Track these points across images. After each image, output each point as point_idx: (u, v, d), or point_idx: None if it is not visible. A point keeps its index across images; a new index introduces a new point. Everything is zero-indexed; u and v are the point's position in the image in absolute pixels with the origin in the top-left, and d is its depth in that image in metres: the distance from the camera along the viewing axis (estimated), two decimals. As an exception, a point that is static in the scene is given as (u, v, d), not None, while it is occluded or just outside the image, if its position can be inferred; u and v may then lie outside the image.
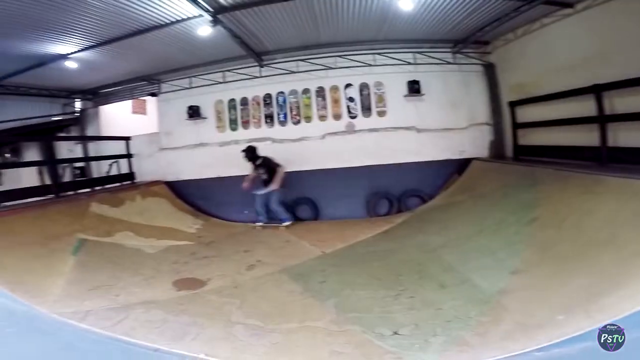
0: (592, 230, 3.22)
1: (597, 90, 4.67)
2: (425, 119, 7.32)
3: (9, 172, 9.65)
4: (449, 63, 7.32)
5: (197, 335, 2.67)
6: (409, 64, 7.28)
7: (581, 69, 4.95)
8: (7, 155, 11.06)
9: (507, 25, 5.97)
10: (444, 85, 7.34)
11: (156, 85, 8.08)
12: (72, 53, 5.89)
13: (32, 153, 9.64)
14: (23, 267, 3.64)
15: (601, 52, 4.59)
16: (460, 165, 7.10)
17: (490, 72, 7.27)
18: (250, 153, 6.45)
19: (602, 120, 4.67)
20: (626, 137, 4.44)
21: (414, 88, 7.14)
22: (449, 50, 7.26)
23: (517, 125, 6.66)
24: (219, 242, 5.62)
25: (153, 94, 8.16)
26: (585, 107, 4.84)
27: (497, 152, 7.21)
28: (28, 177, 8.14)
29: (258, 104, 7.69)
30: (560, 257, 3.16)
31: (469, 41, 6.78)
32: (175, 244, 5.37)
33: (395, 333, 2.58)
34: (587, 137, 4.92)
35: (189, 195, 7.67)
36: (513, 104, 6.69)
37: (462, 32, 6.49)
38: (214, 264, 4.52)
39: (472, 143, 7.30)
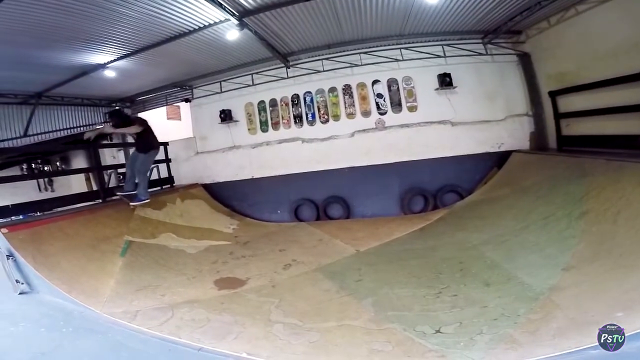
0: (651, 225, 2.97)
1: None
2: (460, 111, 7.07)
3: (59, 179, 10.46)
4: (480, 54, 7.03)
5: (238, 335, 2.72)
6: (438, 57, 7.07)
7: (626, 55, 4.64)
8: (58, 163, 11.93)
9: (539, 14, 5.72)
10: (478, 76, 7.06)
11: (189, 91, 8.38)
12: (109, 62, 6.20)
13: (79, 160, 10.37)
14: (77, 268, 3.85)
15: None
16: (500, 159, 6.81)
17: (526, 62, 6.91)
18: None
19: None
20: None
21: (446, 81, 6.93)
22: (479, 41, 6.99)
23: (559, 115, 6.28)
24: (255, 242, 5.73)
25: (186, 100, 8.47)
26: (632, 94, 4.53)
27: (538, 143, 6.82)
28: (77, 184, 8.75)
29: (286, 104, 7.76)
30: (617, 252, 2.96)
31: (500, 31, 6.53)
32: (214, 244, 5.53)
33: (438, 331, 2.52)
34: (637, 125, 4.58)
35: (224, 196, 7.89)
36: (554, 94, 6.32)
37: (491, 22, 6.28)
38: (252, 263, 4.61)
39: (511, 135, 6.97)
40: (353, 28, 6.33)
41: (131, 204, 5.21)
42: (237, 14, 4.92)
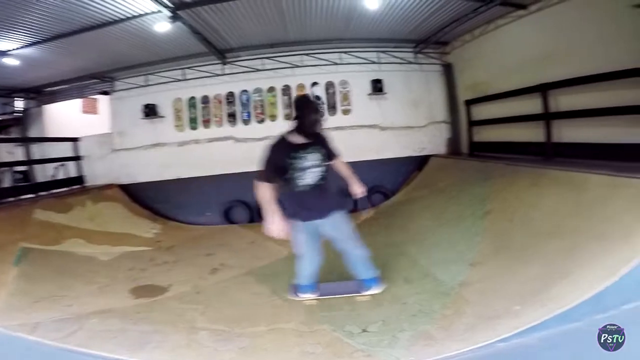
0: (539, 222, 3.49)
1: (543, 89, 5.08)
2: (388, 117, 7.59)
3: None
4: (410, 63, 7.63)
5: (159, 344, 2.61)
6: (373, 62, 7.50)
7: (531, 68, 5.32)
8: None
9: (465, 26, 6.29)
10: (406, 84, 7.64)
11: (109, 83, 7.68)
12: (12, 50, 5.47)
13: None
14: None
15: (549, 52, 4.95)
16: (421, 162, 7.47)
17: (448, 72, 7.67)
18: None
19: (548, 117, 5.10)
20: (569, 133, 4.87)
21: (377, 87, 7.37)
22: (411, 50, 7.57)
23: (472, 123, 7.10)
24: (180, 247, 5.49)
25: (105, 92, 7.75)
26: (534, 105, 5.24)
27: (454, 148, 7.67)
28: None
29: (220, 102, 7.56)
30: (513, 248, 3.39)
31: (430, 41, 7.11)
32: (132, 250, 5.18)
33: (364, 330, 2.66)
34: (534, 133, 5.32)
35: (146, 198, 7.39)
36: (468, 103, 7.13)
37: (423, 32, 6.77)
38: (175, 269, 4.42)
39: (431, 140, 7.70)
40: (298, 29, 6.39)
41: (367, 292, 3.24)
42: (172, 5, 4.66)
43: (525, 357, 2.16)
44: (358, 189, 3.24)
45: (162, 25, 5.02)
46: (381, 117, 7.59)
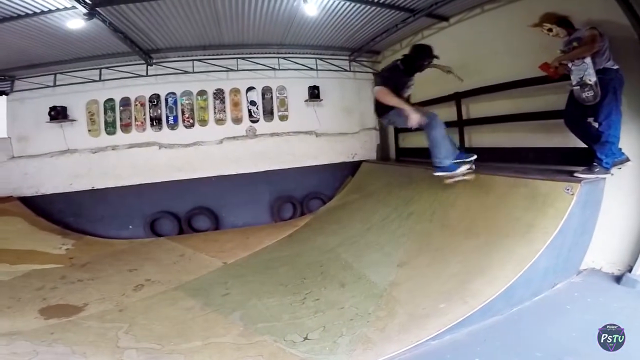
0: (456, 221, 3.90)
1: (457, 97, 5.69)
2: (324, 123, 7.93)
3: None
4: (345, 70, 8.08)
5: (80, 366, 2.43)
6: (311, 69, 7.78)
7: (448, 78, 5.76)
8: None
9: (395, 36, 6.79)
10: (341, 91, 8.08)
11: (7, 82, 6.79)
12: None
13: None
14: None
15: (464, 62, 5.38)
16: (354, 167, 7.94)
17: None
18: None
19: (461, 123, 5.72)
20: (479, 138, 5.54)
21: (314, 93, 7.66)
22: (346, 58, 8.02)
23: (398, 130, 7.68)
24: (97, 263, 5.09)
25: (2, 93, 6.82)
26: (451, 112, 5.80)
27: (383, 154, 8.31)
28: None
29: (142, 105, 7.16)
30: (434, 247, 3.74)
31: (363, 50, 7.60)
32: (39, 268, 4.68)
33: (306, 338, 2.71)
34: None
35: (56, 211, 6.66)
36: (395, 111, 7.70)
37: (357, 41, 7.21)
38: (91, 287, 4.11)
39: (363, 146, 8.25)
40: (234, 32, 6.35)
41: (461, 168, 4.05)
42: (89, 2, 4.33)
43: (457, 352, 2.39)
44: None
45: (76, 22, 4.60)
46: (317, 124, 7.90)
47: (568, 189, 3.05)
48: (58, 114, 6.73)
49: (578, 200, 2.99)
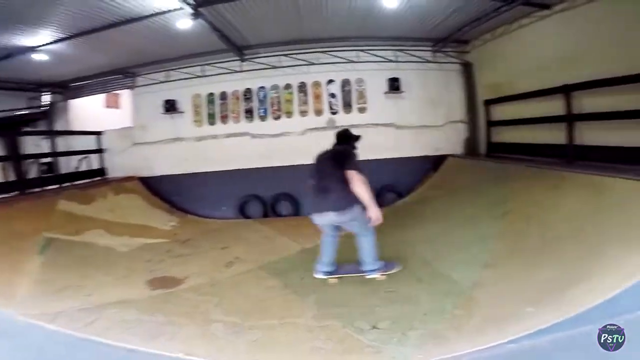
0: (558, 225, 3.39)
1: (566, 90, 4.89)
2: (404, 116, 7.48)
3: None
4: (428, 61, 7.48)
5: (173, 335, 2.64)
6: (390, 61, 7.39)
7: (553, 69, 5.12)
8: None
9: (486, 26, 6.10)
10: (424, 83, 7.51)
11: (131, 78, 7.82)
12: (42, 45, 5.61)
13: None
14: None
15: (573, 53, 4.76)
16: (436, 162, 7.32)
17: (467, 71, 7.47)
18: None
19: (570, 119, 4.92)
20: (592, 135, 4.70)
21: (394, 85, 7.26)
22: (429, 48, 7.41)
23: (491, 123, 6.93)
24: (196, 239, 5.54)
25: (128, 88, 7.89)
26: (556, 106, 5.06)
27: (471, 149, 7.48)
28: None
29: (237, 98, 7.60)
30: (529, 250, 3.31)
31: (449, 40, 6.95)
32: (150, 242, 5.26)
33: (374, 327, 2.62)
34: (556, 135, 5.16)
35: (164, 191, 7.51)
36: (488, 103, 6.95)
37: (442, 31, 6.62)
38: (191, 261, 4.47)
39: (448, 140, 7.55)
40: (314, 26, 6.35)
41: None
42: (193, 2, 4.69)
43: (535, 359, 2.12)
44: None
45: (184, 22, 5.08)
46: (397, 116, 7.48)
47: None
48: (170, 107, 7.57)
49: None
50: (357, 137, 3.95)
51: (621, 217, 2.91)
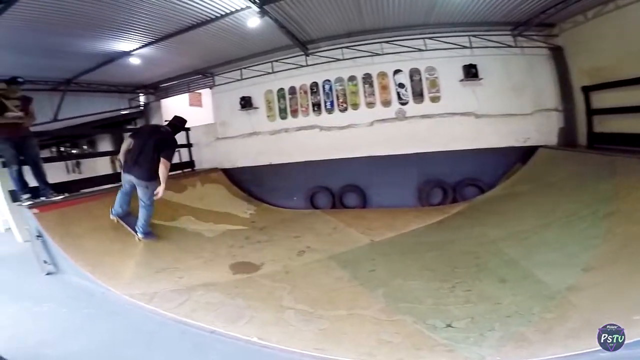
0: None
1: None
2: (484, 104, 6.76)
3: (86, 162, 10.88)
4: (509, 46, 6.66)
5: (250, 319, 2.73)
6: (464, 47, 6.74)
7: None
8: (85, 147, 12.41)
9: (574, 7, 5.36)
10: (505, 69, 6.71)
11: (210, 78, 8.40)
12: (134, 50, 6.29)
13: (105, 144, 10.74)
14: (101, 249, 3.96)
15: None
16: (524, 154, 6.49)
17: (558, 56, 6.49)
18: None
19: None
20: None
21: (471, 72, 6.62)
22: (508, 33, 6.61)
23: (592, 112, 5.91)
24: (271, 228, 5.74)
25: (208, 87, 8.50)
26: None
27: (567, 139, 6.46)
28: (102, 166, 9.05)
29: (305, 92, 7.67)
30: (639, 256, 2.75)
31: (531, 24, 6.16)
32: (231, 229, 5.58)
33: (449, 326, 2.46)
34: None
35: (243, 181, 7.97)
36: (587, 89, 5.93)
37: (522, 14, 5.93)
38: (267, 248, 4.62)
39: (538, 130, 6.63)
40: (374, 17, 6.13)
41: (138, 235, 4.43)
42: (258, 1, 4.84)
43: None
44: None
45: (253, 20, 5.29)
46: (476, 104, 6.80)
47: None
48: (246, 103, 7.97)
49: None
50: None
51: None
